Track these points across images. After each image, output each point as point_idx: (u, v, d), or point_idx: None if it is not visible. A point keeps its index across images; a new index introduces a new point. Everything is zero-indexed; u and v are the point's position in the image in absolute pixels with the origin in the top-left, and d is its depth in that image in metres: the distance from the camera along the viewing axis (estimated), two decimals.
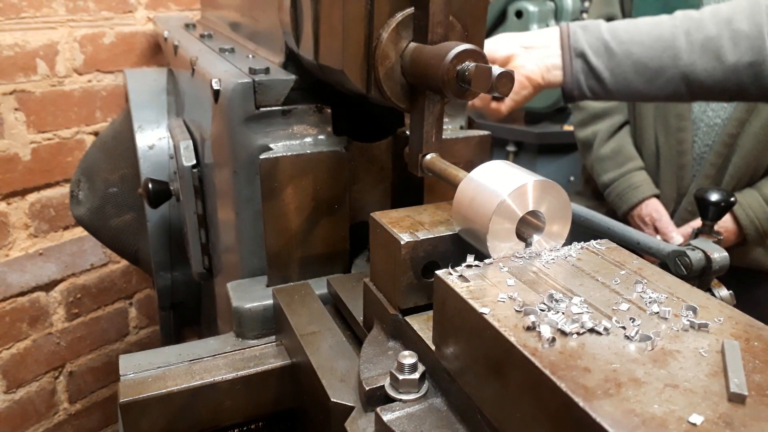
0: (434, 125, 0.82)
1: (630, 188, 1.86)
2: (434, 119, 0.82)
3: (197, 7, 2.21)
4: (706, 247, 0.94)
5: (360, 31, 0.80)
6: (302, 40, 0.92)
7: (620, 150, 1.89)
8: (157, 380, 0.84)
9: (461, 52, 0.71)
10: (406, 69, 0.81)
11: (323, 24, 0.85)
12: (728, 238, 1.76)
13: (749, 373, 0.45)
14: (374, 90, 0.83)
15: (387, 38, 0.80)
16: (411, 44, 0.80)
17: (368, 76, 0.82)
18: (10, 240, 1.94)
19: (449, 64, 0.71)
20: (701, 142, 1.77)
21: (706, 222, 1.05)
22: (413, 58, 0.79)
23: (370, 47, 0.80)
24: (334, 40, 0.82)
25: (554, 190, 0.65)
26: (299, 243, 0.98)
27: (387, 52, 0.80)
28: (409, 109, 0.84)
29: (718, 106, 1.73)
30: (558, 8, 3.04)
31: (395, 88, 0.82)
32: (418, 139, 0.83)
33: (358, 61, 0.81)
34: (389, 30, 0.79)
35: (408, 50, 0.80)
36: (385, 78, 0.81)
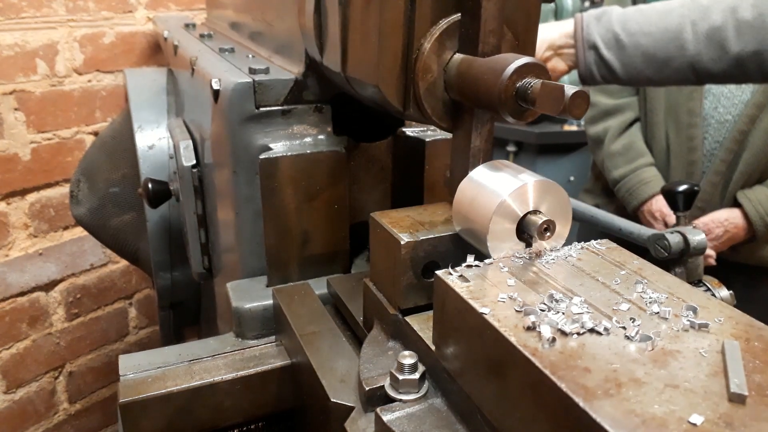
0: (482, 147, 0.72)
1: (640, 184, 1.86)
2: (482, 141, 0.72)
3: (197, 7, 2.21)
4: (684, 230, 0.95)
5: (398, 41, 0.70)
6: (327, 48, 0.84)
7: (631, 146, 1.90)
8: (157, 380, 0.84)
9: (522, 66, 0.61)
10: (451, 84, 0.71)
11: (353, 31, 0.76)
12: (737, 234, 1.76)
13: (749, 373, 0.45)
14: (412, 107, 0.73)
15: (429, 49, 0.70)
16: (457, 56, 0.71)
17: (406, 92, 0.72)
18: (9, 240, 1.94)
19: (508, 81, 0.61)
20: (712, 139, 1.78)
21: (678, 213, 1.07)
22: (461, 72, 0.69)
23: (410, 59, 0.71)
24: (367, 50, 0.73)
25: (554, 190, 0.65)
26: (299, 243, 0.98)
27: (429, 65, 0.70)
28: (451, 128, 0.75)
29: (729, 102, 1.74)
30: (558, 8, 3.04)
31: (437, 106, 0.72)
32: (463, 162, 0.72)
33: (395, 75, 0.71)
34: (432, 39, 0.70)
35: (453, 62, 0.70)
36: (426, 94, 0.71)
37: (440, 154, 1.01)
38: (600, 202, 2.05)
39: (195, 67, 1.17)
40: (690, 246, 0.93)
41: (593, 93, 1.98)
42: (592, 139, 2.02)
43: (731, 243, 1.79)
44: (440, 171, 1.02)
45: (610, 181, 1.96)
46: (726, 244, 1.79)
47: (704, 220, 1.77)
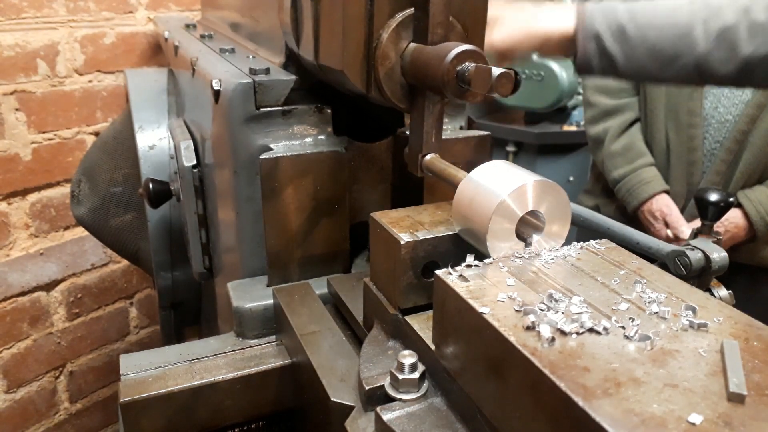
0: (434, 126, 0.82)
1: (640, 183, 1.86)
2: (434, 120, 0.82)
3: (197, 7, 2.22)
4: (705, 247, 0.93)
5: (360, 32, 0.80)
6: (302, 40, 0.92)
7: (631, 146, 1.90)
8: (158, 380, 0.84)
9: (461, 52, 0.71)
10: (406, 69, 0.81)
11: (323, 24, 0.85)
12: (738, 234, 1.76)
13: (748, 372, 0.45)
14: (374, 90, 0.83)
15: (387, 39, 0.80)
16: (411, 45, 0.80)
17: (368, 77, 0.82)
18: (10, 240, 1.94)
19: (449, 65, 0.71)
20: (712, 139, 1.77)
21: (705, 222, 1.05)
22: (413, 58, 0.79)
23: (371, 47, 0.81)
24: (334, 41, 0.82)
25: (554, 190, 0.65)
26: (299, 243, 0.99)
27: (387, 53, 0.80)
28: (408, 109, 0.84)
29: (730, 102, 1.74)
30: None
31: (395, 89, 0.82)
32: (417, 139, 0.83)
33: (358, 62, 0.81)
34: (389, 30, 0.79)
35: (408, 51, 0.81)
36: (385, 78, 0.81)
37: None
38: (600, 202, 2.05)
39: (195, 68, 1.17)
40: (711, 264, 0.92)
41: (593, 93, 1.98)
42: (592, 139, 2.02)
43: (731, 243, 1.79)
44: None
45: (610, 182, 1.96)
46: (726, 244, 1.79)
47: None
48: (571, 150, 3.07)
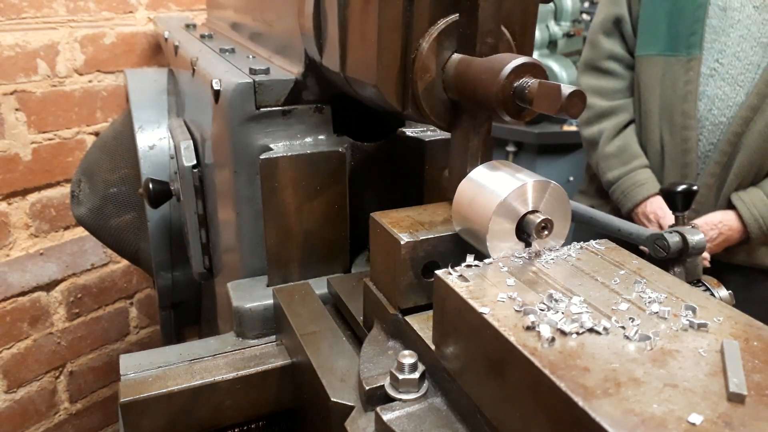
0: (479, 147, 0.72)
1: (635, 185, 1.86)
2: (479, 140, 0.72)
3: (197, 7, 2.22)
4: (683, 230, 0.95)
5: (396, 41, 0.70)
6: (326, 49, 0.84)
7: (625, 148, 1.90)
8: (158, 380, 0.84)
9: (519, 66, 0.61)
10: (449, 84, 0.71)
11: (353, 32, 0.76)
12: (732, 236, 1.77)
13: (748, 372, 0.45)
14: (411, 107, 0.73)
15: (428, 49, 0.70)
16: (455, 56, 0.71)
17: (404, 92, 0.72)
18: (10, 240, 1.94)
19: (505, 80, 0.61)
20: (706, 141, 1.78)
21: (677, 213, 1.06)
22: (459, 72, 0.69)
23: (408, 59, 0.71)
24: (365, 51, 0.73)
25: (554, 190, 0.65)
26: (299, 243, 0.99)
27: (427, 65, 0.71)
28: (449, 128, 0.75)
29: (724, 104, 1.74)
30: (558, 8, 3.04)
31: (435, 105, 0.72)
32: (461, 162, 0.72)
33: (393, 75, 0.71)
34: (430, 39, 0.70)
35: (451, 63, 0.70)
36: (425, 94, 0.71)
37: (440, 154, 1.01)
38: (595, 203, 2.05)
39: (196, 68, 1.17)
40: (689, 246, 0.93)
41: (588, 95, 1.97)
42: (587, 140, 2.02)
43: (726, 245, 1.80)
44: (440, 171, 1.01)
45: (604, 183, 1.96)
46: (720, 246, 1.79)
47: (698, 222, 1.77)
48: (571, 150, 3.07)
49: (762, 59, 1.69)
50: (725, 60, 1.73)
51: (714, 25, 1.73)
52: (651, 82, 1.84)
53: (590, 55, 1.99)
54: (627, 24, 1.89)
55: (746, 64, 1.70)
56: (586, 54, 2.02)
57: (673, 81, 1.79)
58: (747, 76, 1.71)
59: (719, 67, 1.73)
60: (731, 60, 1.72)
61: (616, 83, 1.94)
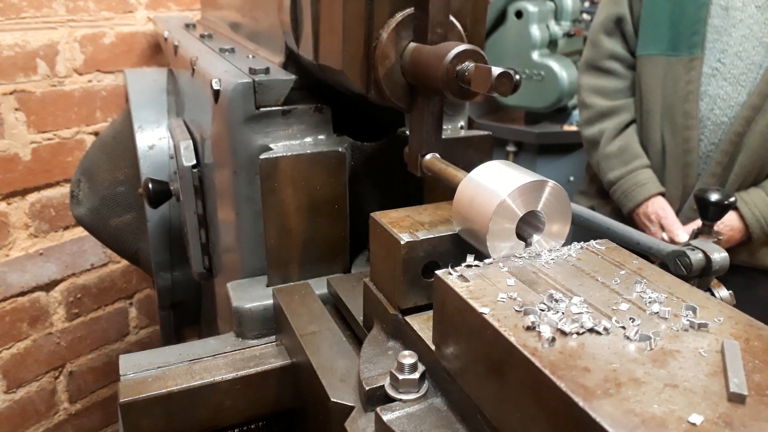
0: (433, 125, 0.82)
1: (636, 186, 1.86)
2: (433, 119, 0.82)
3: (197, 7, 2.21)
4: (705, 247, 0.93)
5: (360, 31, 0.79)
6: (302, 40, 0.92)
7: (627, 148, 1.90)
8: (157, 380, 0.84)
9: (461, 52, 0.71)
10: (406, 69, 0.80)
11: (323, 24, 0.84)
12: (733, 237, 1.76)
13: (749, 372, 0.45)
14: (374, 90, 0.82)
15: (387, 38, 0.79)
16: (411, 44, 0.80)
17: (368, 76, 0.82)
18: (10, 240, 1.94)
19: (449, 65, 0.70)
20: (707, 141, 1.77)
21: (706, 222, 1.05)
22: (413, 58, 0.79)
23: (370, 47, 0.80)
24: (333, 40, 0.82)
25: (554, 190, 0.65)
26: (299, 243, 0.98)
27: (387, 52, 0.80)
28: (408, 109, 0.84)
29: (725, 104, 1.74)
30: (558, 8, 3.04)
31: (395, 89, 0.82)
32: (417, 139, 0.83)
33: (357, 61, 0.81)
34: (389, 30, 0.79)
35: (408, 50, 0.80)
36: (385, 78, 0.81)
37: None
38: (595, 203, 2.04)
39: (195, 68, 1.17)
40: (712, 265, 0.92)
41: (588, 95, 1.97)
42: (588, 140, 2.01)
43: (727, 245, 1.77)
44: None
45: (605, 183, 1.95)
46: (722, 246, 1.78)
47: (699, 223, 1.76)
48: (571, 150, 3.07)
49: (764, 59, 1.68)
50: (727, 60, 1.72)
51: (716, 24, 1.72)
52: (652, 81, 1.83)
53: (591, 55, 1.99)
54: (628, 23, 1.88)
55: (748, 63, 1.70)
56: (587, 53, 2.01)
57: (674, 81, 1.78)
58: (749, 76, 1.70)
59: (721, 67, 1.73)
60: (733, 60, 1.71)
61: (617, 83, 1.94)
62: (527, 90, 2.93)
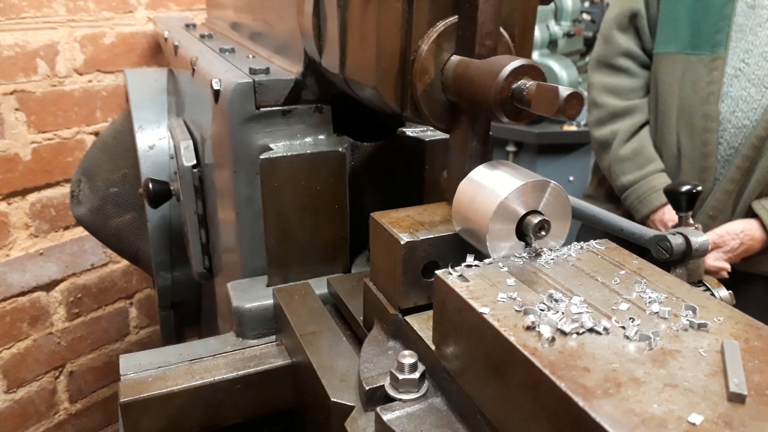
0: (478, 149, 0.72)
1: (651, 191, 1.78)
2: (479, 142, 0.72)
3: (197, 7, 2.21)
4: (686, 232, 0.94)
5: (396, 43, 0.70)
6: (326, 50, 0.84)
7: (641, 151, 1.81)
8: (158, 380, 0.84)
9: (518, 68, 0.62)
10: (448, 86, 0.71)
11: (352, 33, 0.76)
12: (753, 246, 1.70)
13: (749, 372, 0.45)
14: (410, 108, 0.74)
15: (427, 51, 0.70)
16: (454, 57, 0.71)
17: (404, 94, 0.72)
18: (10, 240, 1.94)
19: (503, 82, 0.61)
20: (727, 145, 1.69)
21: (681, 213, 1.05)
22: (458, 73, 0.69)
23: (407, 61, 0.71)
24: (365, 52, 0.73)
25: (554, 190, 0.65)
26: (299, 243, 0.98)
27: (426, 67, 0.71)
28: (449, 130, 0.75)
29: (748, 107, 1.66)
30: (558, 8, 3.04)
31: (434, 107, 0.73)
32: (459, 163, 0.73)
33: (392, 77, 0.71)
34: (429, 41, 0.70)
35: (450, 64, 0.71)
36: (423, 96, 0.72)
37: (440, 154, 1.01)
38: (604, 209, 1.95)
39: (195, 68, 1.17)
40: (692, 248, 0.92)
41: (600, 93, 1.88)
42: (599, 142, 1.90)
43: (745, 255, 1.73)
44: (440, 171, 1.01)
45: (617, 188, 1.86)
46: (740, 256, 1.72)
47: (719, 231, 1.70)
48: (571, 150, 3.07)
49: None
50: (752, 60, 1.64)
51: (741, 23, 1.64)
52: (670, 81, 1.75)
53: (603, 52, 1.88)
54: (643, 20, 1.79)
55: None
56: (599, 50, 1.90)
57: (694, 81, 1.70)
58: None
59: (745, 67, 1.65)
60: (758, 60, 1.63)
61: (631, 82, 1.84)
62: None
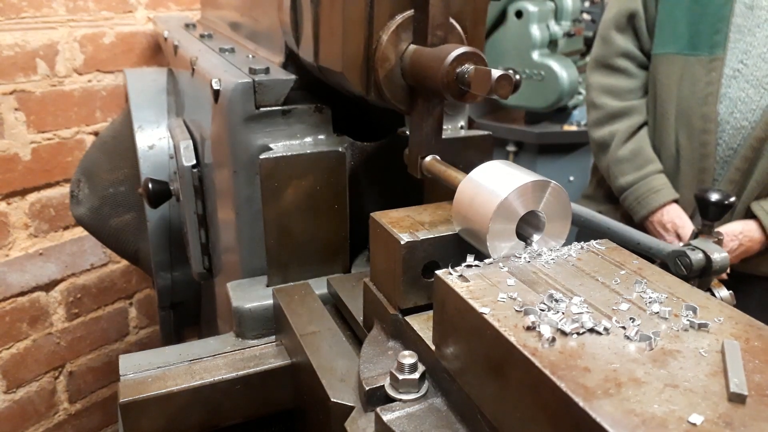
0: (433, 127, 0.82)
1: (650, 192, 1.77)
2: (434, 121, 0.82)
3: (197, 7, 2.21)
4: (706, 247, 0.94)
5: (360, 33, 0.79)
6: (302, 41, 0.92)
7: (639, 152, 1.81)
8: (157, 380, 0.84)
9: (460, 54, 0.71)
10: (406, 71, 0.81)
11: (323, 26, 0.84)
12: (752, 248, 1.70)
13: (749, 373, 0.45)
14: (374, 92, 0.83)
15: (387, 40, 0.79)
16: (411, 46, 0.80)
17: (368, 79, 0.82)
18: (10, 240, 1.94)
19: (449, 67, 0.71)
20: (726, 145, 1.69)
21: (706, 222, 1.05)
22: (413, 60, 0.79)
23: (370, 49, 0.80)
24: (333, 42, 0.82)
25: (554, 190, 0.65)
26: (299, 243, 0.98)
27: (387, 55, 0.80)
28: (408, 111, 0.84)
29: (747, 108, 1.66)
30: (558, 8, 3.04)
31: (395, 91, 0.82)
32: (417, 140, 0.83)
33: (357, 64, 0.81)
34: (389, 32, 0.79)
35: (408, 53, 0.80)
36: (385, 80, 0.81)
37: None
38: (603, 209, 1.95)
39: (195, 67, 1.17)
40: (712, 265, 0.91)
41: (599, 94, 1.89)
42: (597, 143, 1.89)
43: (744, 256, 1.73)
44: None
45: (615, 189, 1.86)
46: (739, 257, 1.72)
47: None
48: (571, 150, 3.07)
49: None
50: (750, 61, 1.64)
51: (739, 23, 1.64)
52: (668, 82, 1.75)
53: (601, 52, 1.88)
54: (641, 20, 1.79)
55: None
56: (597, 50, 1.91)
57: (692, 82, 1.70)
58: None
59: (743, 68, 1.65)
60: (756, 61, 1.63)
61: (629, 82, 1.85)
62: (527, 90, 2.93)
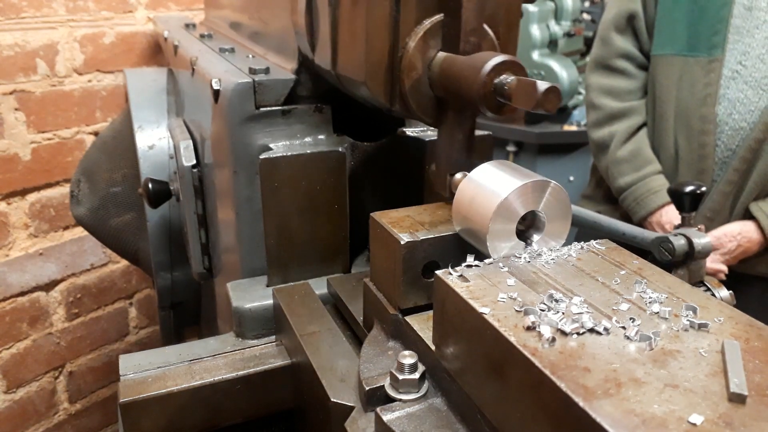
0: (464, 142, 0.75)
1: (649, 193, 1.78)
2: (464, 136, 0.74)
3: (197, 7, 2.21)
4: (688, 233, 0.95)
5: (384, 40, 0.72)
6: (318, 46, 0.86)
7: (638, 152, 1.82)
8: (157, 380, 0.84)
9: (498, 63, 0.64)
10: (435, 81, 0.74)
11: (343, 30, 0.78)
12: (750, 248, 1.71)
13: (749, 373, 0.45)
14: (399, 103, 0.76)
15: (414, 47, 0.73)
16: (440, 54, 0.73)
17: (392, 89, 0.75)
18: (10, 240, 1.94)
19: (486, 77, 0.64)
20: (724, 146, 1.69)
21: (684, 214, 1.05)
22: (443, 69, 0.72)
23: (395, 57, 0.74)
24: (355, 49, 0.76)
25: (554, 190, 0.65)
26: (299, 243, 0.98)
27: (414, 63, 0.73)
28: (436, 124, 0.77)
29: (745, 109, 1.66)
30: (558, 8, 3.05)
31: (422, 102, 0.75)
32: (446, 156, 0.75)
33: (381, 72, 0.74)
34: (416, 38, 0.72)
35: (437, 61, 0.73)
36: (411, 91, 0.74)
37: None
38: (602, 209, 1.95)
39: (195, 67, 1.17)
40: (695, 249, 0.92)
41: (598, 95, 1.90)
42: (596, 144, 1.90)
43: (743, 256, 1.73)
44: None
45: (614, 189, 1.87)
46: (738, 257, 1.73)
47: (716, 233, 1.70)
48: (571, 150, 3.07)
49: None
50: (749, 62, 1.64)
51: (738, 25, 1.64)
52: (667, 83, 1.75)
53: (601, 53, 1.89)
54: (641, 21, 1.80)
55: None
56: (597, 51, 1.91)
57: (691, 83, 1.70)
58: None
59: (742, 70, 1.65)
60: (755, 62, 1.64)
61: (629, 83, 1.85)
62: None
